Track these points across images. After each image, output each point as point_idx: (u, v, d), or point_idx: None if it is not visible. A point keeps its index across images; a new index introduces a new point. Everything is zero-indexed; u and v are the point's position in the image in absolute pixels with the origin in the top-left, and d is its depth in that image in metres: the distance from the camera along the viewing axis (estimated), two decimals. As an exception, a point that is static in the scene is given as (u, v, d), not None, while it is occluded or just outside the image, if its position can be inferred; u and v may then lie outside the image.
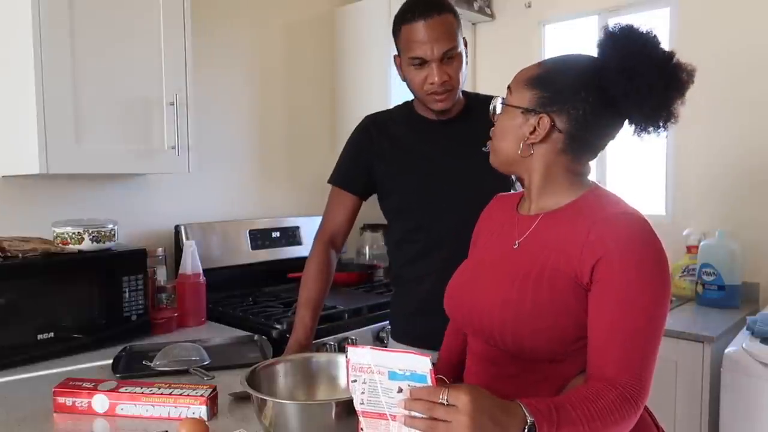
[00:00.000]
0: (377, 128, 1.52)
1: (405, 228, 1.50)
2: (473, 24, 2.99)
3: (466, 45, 1.43)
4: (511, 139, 1.01)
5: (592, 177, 1.06)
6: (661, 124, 0.96)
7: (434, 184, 1.44)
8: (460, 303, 1.06)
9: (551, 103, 0.97)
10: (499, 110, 1.04)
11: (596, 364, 0.90)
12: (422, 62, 1.36)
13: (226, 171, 2.36)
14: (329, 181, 1.56)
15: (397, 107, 1.56)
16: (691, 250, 2.31)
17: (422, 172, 1.45)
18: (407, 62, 1.39)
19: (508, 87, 1.03)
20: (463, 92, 1.49)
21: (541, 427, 0.78)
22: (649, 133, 0.97)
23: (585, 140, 0.99)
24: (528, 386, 0.96)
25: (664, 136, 0.99)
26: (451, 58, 1.36)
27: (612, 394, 0.85)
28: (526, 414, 0.78)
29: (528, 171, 1.02)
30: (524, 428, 0.78)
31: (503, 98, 1.04)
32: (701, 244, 2.26)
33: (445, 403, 0.76)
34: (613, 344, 0.88)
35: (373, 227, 2.61)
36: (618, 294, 0.88)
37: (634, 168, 2.62)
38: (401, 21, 1.38)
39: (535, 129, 0.97)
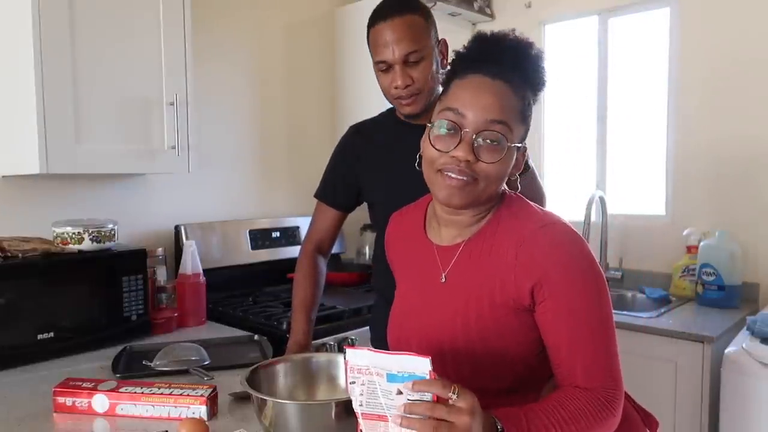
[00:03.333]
0: (361, 137, 1.53)
1: None
2: (473, 24, 2.99)
3: (446, 48, 1.40)
4: (503, 179, 0.94)
5: (592, 178, 1.05)
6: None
7: (419, 191, 1.42)
8: (408, 349, 1.00)
9: (527, 131, 0.96)
10: (501, 152, 0.91)
11: (565, 376, 0.90)
12: (387, 66, 1.34)
13: (226, 171, 2.36)
14: (315, 196, 1.58)
15: (382, 114, 1.55)
16: (691, 250, 2.31)
17: (407, 177, 1.43)
18: (376, 67, 1.37)
19: (502, 122, 0.90)
20: None
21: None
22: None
23: None
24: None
25: (664, 136, 1.00)
26: (416, 61, 1.32)
27: (585, 397, 0.86)
28: (496, 420, 0.79)
29: (484, 201, 0.96)
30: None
31: (503, 139, 0.91)
32: (701, 244, 2.26)
33: (455, 396, 0.75)
34: (577, 356, 0.89)
35: (373, 227, 2.61)
36: (567, 307, 0.89)
37: (634, 168, 2.62)
38: (369, 25, 1.37)
39: (517, 162, 0.96)
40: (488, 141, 0.90)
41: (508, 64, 0.93)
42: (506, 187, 1.01)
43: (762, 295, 2.24)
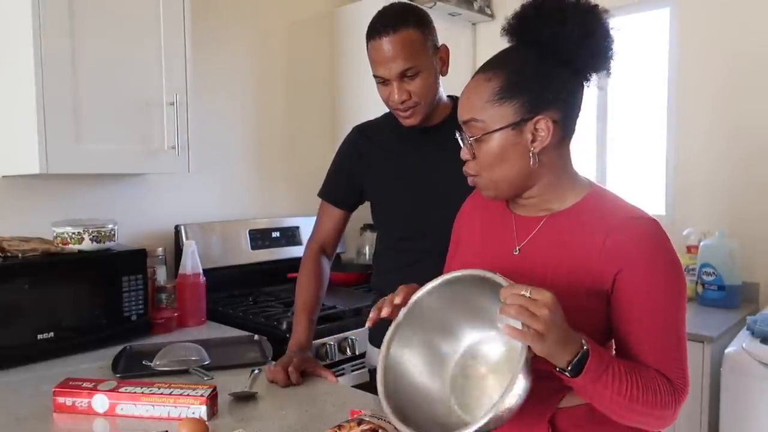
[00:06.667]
0: (364, 138, 1.53)
1: (394, 236, 1.51)
2: (473, 24, 2.99)
3: (446, 54, 1.39)
4: (514, 159, 0.94)
5: (592, 178, 1.04)
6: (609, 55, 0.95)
7: (422, 192, 1.43)
8: None
9: (539, 101, 0.92)
10: (472, 148, 0.95)
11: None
12: (384, 80, 1.34)
13: (226, 171, 2.36)
14: (318, 195, 1.59)
15: (385, 115, 1.54)
16: (691, 250, 2.31)
17: (409, 179, 1.45)
18: (375, 78, 1.37)
19: (467, 122, 0.95)
20: (451, 97, 1.47)
21: (591, 361, 0.81)
22: (605, 72, 0.97)
23: (571, 119, 0.97)
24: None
25: (664, 136, 0.99)
26: (411, 76, 1.31)
27: (662, 379, 0.89)
28: (583, 343, 0.82)
29: (538, 178, 0.97)
30: (578, 353, 0.81)
31: (469, 135, 0.95)
32: (701, 244, 2.26)
33: (528, 295, 0.79)
34: (655, 349, 0.90)
35: (373, 227, 2.61)
36: (647, 297, 0.90)
37: (634, 168, 2.62)
38: (366, 37, 1.36)
39: (533, 136, 0.93)
40: (465, 141, 0.97)
41: (520, 39, 0.96)
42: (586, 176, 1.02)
43: (762, 295, 2.25)
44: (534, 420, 0.95)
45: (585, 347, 0.82)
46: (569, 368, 0.82)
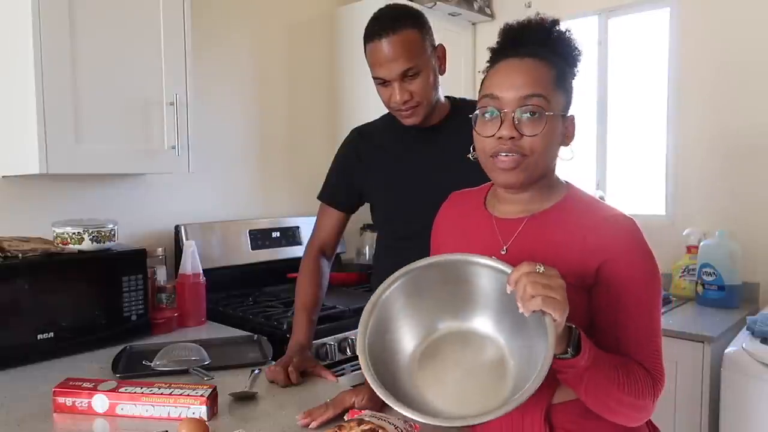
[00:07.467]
0: (364, 139, 1.54)
1: (394, 237, 1.51)
2: (473, 24, 2.99)
3: (443, 53, 1.39)
4: (556, 147, 0.97)
5: (592, 178, 1.06)
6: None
7: (421, 192, 1.42)
8: None
9: (569, 101, 0.98)
10: (543, 121, 0.92)
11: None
12: (384, 81, 1.34)
13: (226, 171, 2.36)
14: (318, 197, 1.59)
15: (384, 117, 1.55)
16: (691, 250, 2.31)
17: (409, 180, 1.45)
18: (374, 80, 1.37)
19: (531, 96, 0.92)
20: (448, 97, 1.47)
21: (584, 339, 0.84)
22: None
23: None
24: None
25: (664, 136, 1.00)
26: (412, 76, 1.32)
27: (643, 370, 0.92)
28: (573, 328, 0.85)
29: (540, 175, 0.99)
30: (571, 333, 0.84)
31: (542, 110, 0.92)
32: (701, 244, 2.26)
33: (542, 269, 0.81)
34: (635, 338, 0.93)
35: (373, 227, 2.62)
36: (627, 292, 0.93)
37: (634, 168, 2.62)
38: (364, 40, 1.36)
39: (566, 131, 0.97)
40: (527, 115, 0.92)
41: (536, 44, 0.97)
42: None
43: (762, 295, 2.25)
44: (530, 414, 0.95)
45: (574, 326, 0.85)
46: (570, 346, 0.84)
